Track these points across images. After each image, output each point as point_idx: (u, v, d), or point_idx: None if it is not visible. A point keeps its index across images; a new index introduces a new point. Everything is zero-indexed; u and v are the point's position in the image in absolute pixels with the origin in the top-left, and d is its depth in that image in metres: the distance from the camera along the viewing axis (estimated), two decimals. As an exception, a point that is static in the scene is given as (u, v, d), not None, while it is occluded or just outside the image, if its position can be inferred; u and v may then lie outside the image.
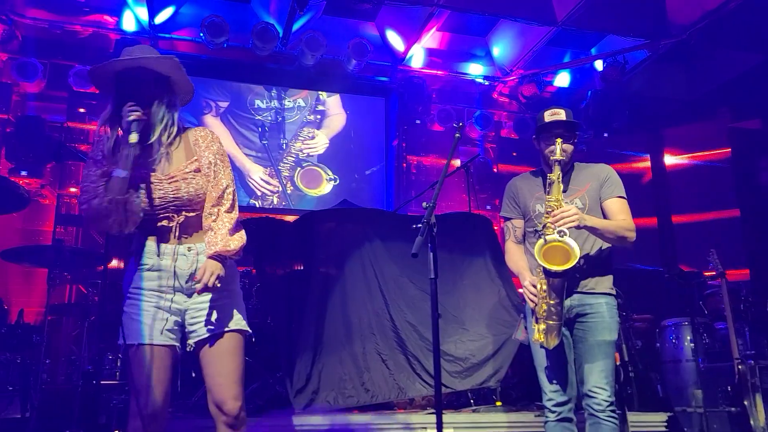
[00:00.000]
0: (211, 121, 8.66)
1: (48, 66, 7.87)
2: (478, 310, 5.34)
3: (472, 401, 5.16)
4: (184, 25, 8.25)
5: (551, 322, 3.14)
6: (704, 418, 5.56)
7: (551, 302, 3.13)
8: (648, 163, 9.96)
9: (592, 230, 3.24)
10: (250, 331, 2.81)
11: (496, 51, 9.23)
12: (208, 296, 2.72)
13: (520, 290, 3.50)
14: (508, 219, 3.61)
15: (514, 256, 3.52)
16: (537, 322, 3.19)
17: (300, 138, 9.08)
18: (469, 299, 5.39)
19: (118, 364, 5.56)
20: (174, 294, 2.71)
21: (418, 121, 9.55)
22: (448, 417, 4.41)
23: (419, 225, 2.92)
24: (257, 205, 8.68)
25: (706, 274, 6.10)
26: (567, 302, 3.33)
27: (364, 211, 5.95)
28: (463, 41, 9.27)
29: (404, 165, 9.54)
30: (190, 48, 8.42)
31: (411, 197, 7.67)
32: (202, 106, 8.67)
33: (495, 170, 9.74)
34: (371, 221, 5.49)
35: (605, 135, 9.64)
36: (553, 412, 3.29)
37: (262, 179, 8.79)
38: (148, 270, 2.70)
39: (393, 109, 9.47)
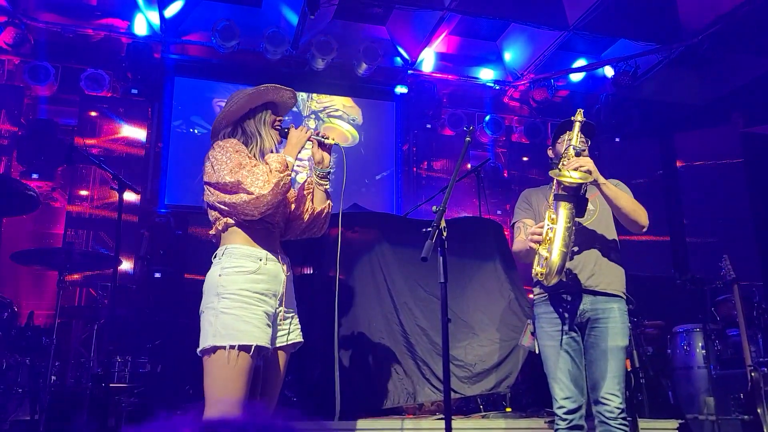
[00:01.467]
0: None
1: (60, 69, 7.90)
2: (488, 315, 5.31)
3: (481, 407, 5.13)
4: (195, 29, 8.27)
5: (562, 249, 3.09)
6: (716, 426, 5.51)
7: (560, 227, 3.12)
8: (659, 168, 9.90)
9: (606, 192, 3.25)
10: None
11: (507, 55, 9.21)
12: (292, 305, 2.97)
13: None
14: (520, 220, 3.61)
15: (520, 242, 3.48)
16: (539, 254, 3.14)
17: (315, 98, 9.10)
18: (478, 304, 5.37)
19: (128, 367, 5.57)
20: (270, 298, 2.78)
21: (428, 126, 9.53)
22: (457, 423, 4.39)
23: (429, 229, 2.90)
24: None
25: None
26: (579, 306, 3.31)
27: (374, 215, 5.94)
28: (474, 45, 9.26)
29: (414, 169, 9.53)
30: (200, 52, 8.45)
31: (421, 201, 7.65)
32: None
33: (506, 175, 9.71)
34: (381, 225, 5.47)
35: (617, 140, 9.60)
36: (564, 420, 3.26)
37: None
38: (254, 273, 2.75)
39: (403, 113, 9.46)
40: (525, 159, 9.87)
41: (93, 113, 8.04)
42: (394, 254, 5.29)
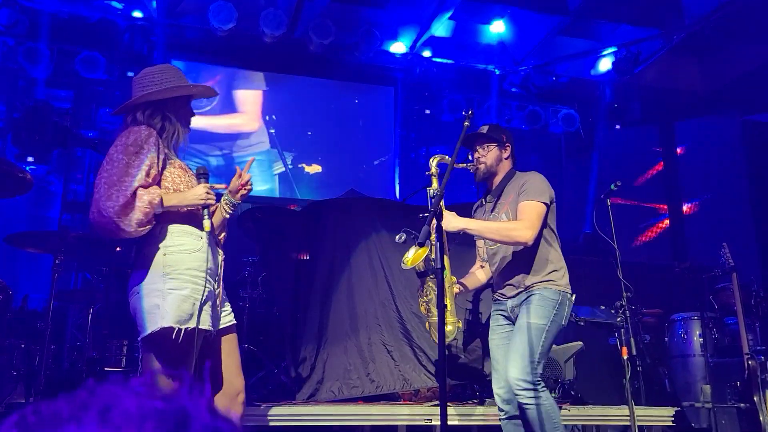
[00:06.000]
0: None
1: (55, 51, 7.81)
2: (484, 302, 5.29)
3: (477, 393, 5.12)
4: (192, 12, 8.18)
5: (432, 319, 3.40)
6: (712, 413, 5.50)
7: (426, 299, 3.46)
8: (659, 156, 9.86)
9: (472, 234, 3.42)
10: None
11: (508, 41, 9.13)
12: (221, 285, 2.83)
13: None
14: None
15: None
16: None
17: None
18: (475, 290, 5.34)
19: (124, 350, 5.55)
20: (212, 278, 2.72)
21: (427, 111, 9.49)
22: (453, 409, 4.38)
23: (426, 214, 2.87)
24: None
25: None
26: (509, 305, 3.46)
27: (371, 201, 5.90)
28: (474, 30, 9.17)
29: (413, 155, 9.49)
30: (197, 34, 8.35)
31: (419, 188, 7.61)
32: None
33: (504, 161, 9.65)
34: (378, 211, 5.44)
35: (617, 127, 9.55)
36: (502, 410, 3.39)
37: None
38: (198, 251, 2.68)
39: (402, 98, 9.40)
40: (524, 145, 9.80)
41: (89, 96, 7.98)
42: (391, 240, 5.25)
